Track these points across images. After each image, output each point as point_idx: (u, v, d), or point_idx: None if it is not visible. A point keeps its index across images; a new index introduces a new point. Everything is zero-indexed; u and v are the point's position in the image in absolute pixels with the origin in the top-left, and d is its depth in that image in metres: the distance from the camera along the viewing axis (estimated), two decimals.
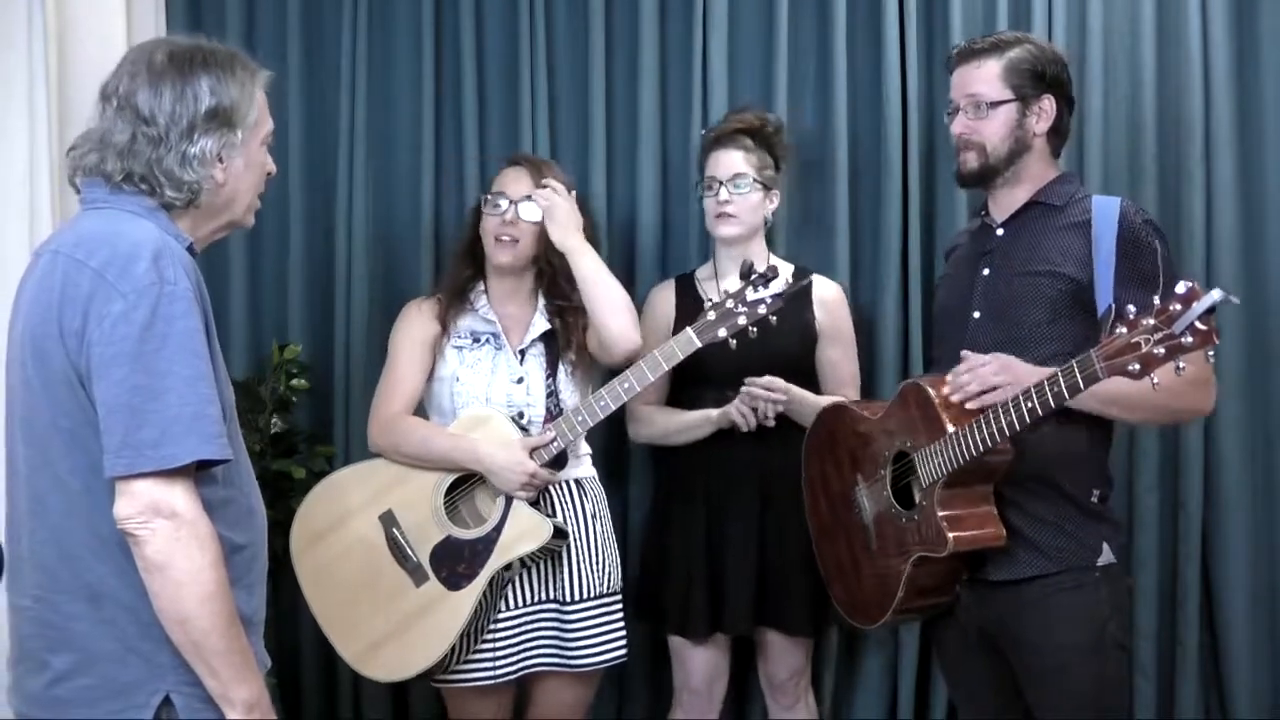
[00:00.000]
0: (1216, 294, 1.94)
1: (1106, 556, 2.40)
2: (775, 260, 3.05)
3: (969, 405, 2.35)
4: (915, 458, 2.44)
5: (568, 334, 2.88)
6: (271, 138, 1.96)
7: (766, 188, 2.99)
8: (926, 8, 3.34)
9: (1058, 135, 2.52)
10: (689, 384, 2.99)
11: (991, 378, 2.33)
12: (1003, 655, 2.47)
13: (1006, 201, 2.53)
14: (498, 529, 2.72)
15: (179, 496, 1.71)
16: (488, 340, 2.88)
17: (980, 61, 2.50)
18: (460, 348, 2.87)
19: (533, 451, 2.71)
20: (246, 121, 1.87)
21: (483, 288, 2.92)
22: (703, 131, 3.15)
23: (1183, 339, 1.97)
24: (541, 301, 2.92)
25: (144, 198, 1.83)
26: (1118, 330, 2.05)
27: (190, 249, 1.85)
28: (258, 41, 3.41)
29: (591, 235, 2.90)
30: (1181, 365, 2.00)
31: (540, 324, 2.89)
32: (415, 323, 2.90)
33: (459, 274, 2.94)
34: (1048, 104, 2.48)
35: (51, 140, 2.80)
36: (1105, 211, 2.40)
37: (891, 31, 3.29)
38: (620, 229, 3.39)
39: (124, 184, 1.83)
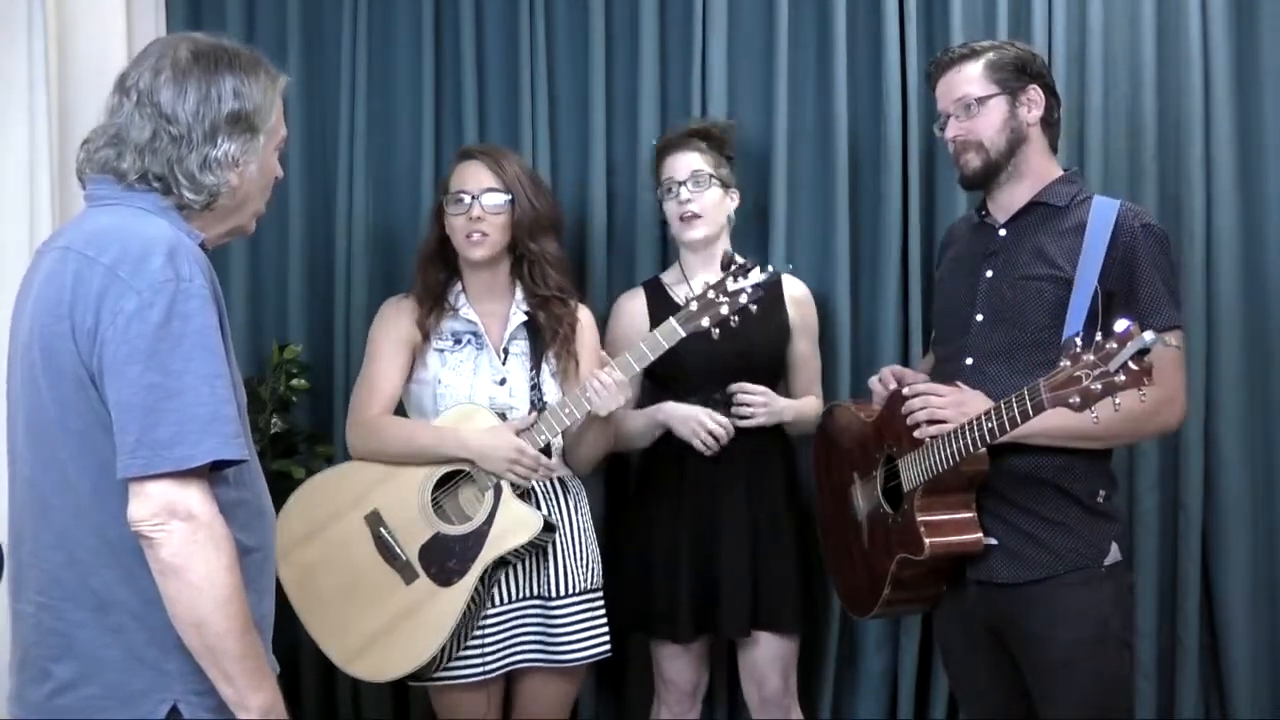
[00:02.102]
0: (1149, 336, 2.01)
1: (1114, 556, 2.42)
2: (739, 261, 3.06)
3: (915, 434, 2.41)
4: (900, 463, 2.47)
5: (554, 326, 2.87)
6: (284, 144, 1.93)
7: (725, 185, 3.00)
8: (926, 8, 3.34)
9: (1051, 128, 2.53)
10: (668, 384, 2.96)
11: (939, 411, 2.38)
12: (1008, 652, 2.48)
13: (1008, 201, 2.53)
14: (488, 523, 2.72)
15: (195, 498, 1.68)
16: (469, 340, 2.86)
17: (959, 66, 2.53)
18: (442, 350, 2.86)
19: (519, 433, 2.71)
20: (268, 126, 1.85)
21: (460, 287, 2.91)
22: (653, 142, 3.14)
23: (1116, 377, 2.03)
24: (519, 293, 2.90)
25: (156, 196, 1.80)
26: (1062, 363, 2.11)
27: (202, 246, 1.82)
28: (258, 41, 3.40)
29: (557, 221, 2.93)
30: (1118, 402, 2.06)
31: (518, 316, 2.87)
32: (394, 322, 2.88)
33: (432, 278, 2.90)
34: (1035, 94, 2.49)
35: (51, 139, 2.80)
36: (1102, 214, 2.40)
37: (891, 31, 3.29)
38: (620, 228, 3.39)
39: (137, 183, 1.79)
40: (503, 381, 2.84)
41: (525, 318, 2.87)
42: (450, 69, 3.40)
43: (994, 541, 2.43)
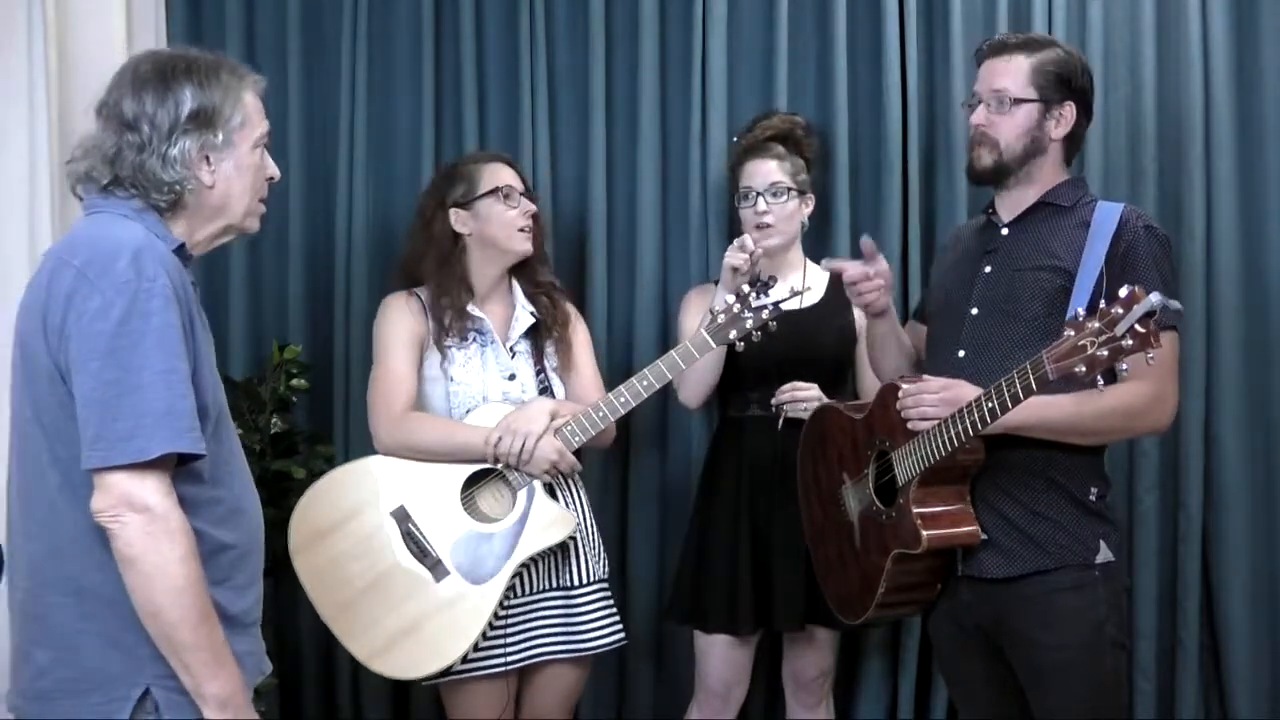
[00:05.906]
0: (1155, 298, 1.98)
1: (1105, 555, 2.41)
2: (812, 266, 3.06)
3: (909, 425, 2.41)
4: (893, 457, 2.47)
5: (553, 313, 2.93)
6: (267, 140, 1.98)
7: (801, 193, 3.01)
8: (926, 8, 3.34)
9: (1072, 142, 2.53)
10: (733, 382, 2.99)
11: (930, 409, 2.38)
12: (1001, 654, 2.48)
13: (1014, 202, 2.53)
14: (522, 521, 2.74)
15: (151, 491, 1.74)
16: (474, 337, 2.88)
17: (1010, 56, 2.50)
18: (449, 347, 2.87)
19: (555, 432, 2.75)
20: (230, 123, 1.91)
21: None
22: (734, 139, 3.14)
23: (1123, 341, 2.01)
24: (519, 291, 2.94)
25: (134, 200, 1.88)
26: (1066, 333, 2.09)
27: (182, 250, 1.88)
28: (258, 41, 3.41)
29: (538, 230, 2.97)
30: (1125, 367, 2.04)
31: (525, 319, 2.91)
32: (402, 319, 2.89)
33: (448, 279, 2.89)
34: (1069, 111, 2.48)
35: (51, 141, 2.80)
36: (1107, 213, 2.41)
37: (891, 31, 3.30)
38: (620, 229, 3.39)
39: (115, 189, 1.88)
40: (512, 376, 2.87)
41: (532, 320, 2.91)
42: (450, 69, 3.40)
43: (984, 536, 2.43)
